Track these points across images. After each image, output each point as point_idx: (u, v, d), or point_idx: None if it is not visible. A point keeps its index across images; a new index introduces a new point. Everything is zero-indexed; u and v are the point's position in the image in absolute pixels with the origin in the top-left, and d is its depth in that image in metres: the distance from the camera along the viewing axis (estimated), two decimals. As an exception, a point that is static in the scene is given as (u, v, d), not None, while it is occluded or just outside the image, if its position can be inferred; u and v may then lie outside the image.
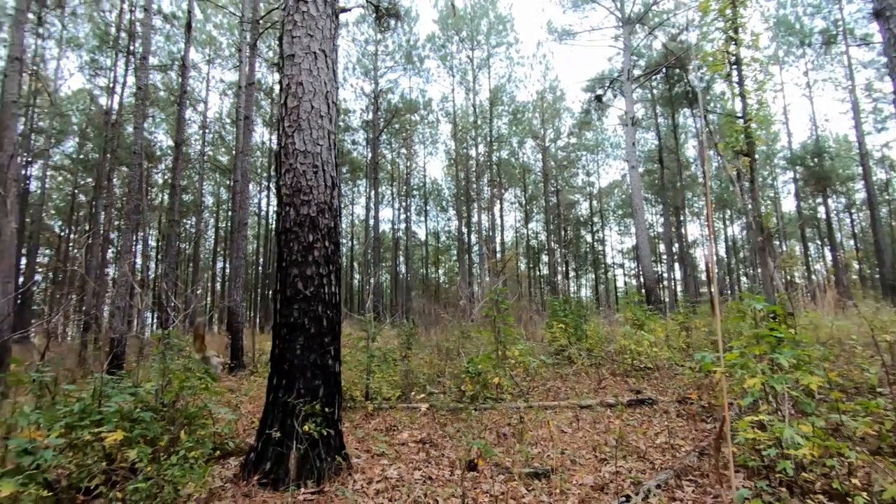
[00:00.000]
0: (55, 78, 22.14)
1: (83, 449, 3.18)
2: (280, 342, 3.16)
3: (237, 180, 11.36)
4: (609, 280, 42.27)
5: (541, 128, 31.08)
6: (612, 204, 39.79)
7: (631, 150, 15.98)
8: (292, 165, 3.33)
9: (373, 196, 25.21)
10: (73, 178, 27.32)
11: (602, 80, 23.71)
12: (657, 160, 23.65)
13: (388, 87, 26.75)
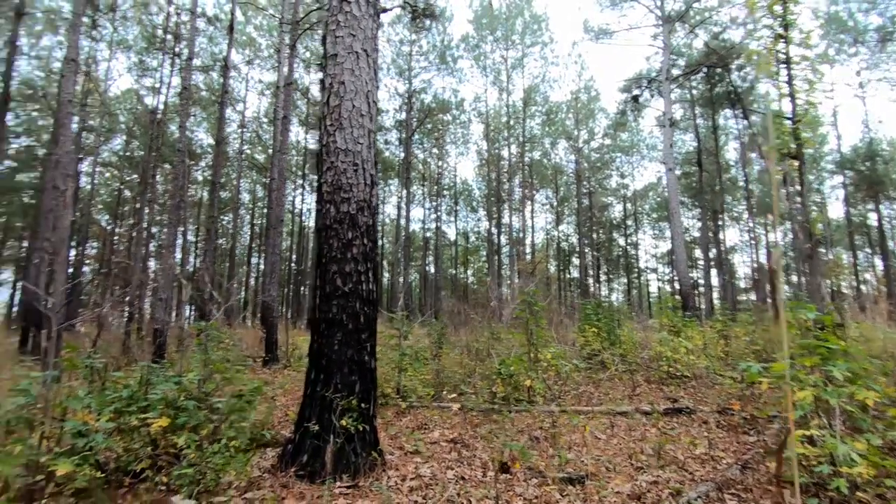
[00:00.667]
0: (105, 78, 23.19)
1: (130, 433, 3.31)
2: (318, 337, 3.21)
3: (273, 178, 11.64)
4: (642, 285, 41.31)
5: (574, 128, 30.65)
6: (646, 207, 38.86)
7: (668, 152, 15.56)
8: (333, 163, 3.38)
9: (404, 195, 25.40)
10: (119, 175, 28.56)
11: (639, 80, 23.19)
12: (695, 162, 22.93)
13: (422, 87, 26.90)
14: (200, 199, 28.81)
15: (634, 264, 39.20)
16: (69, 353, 3.39)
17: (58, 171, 8.57)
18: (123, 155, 27.60)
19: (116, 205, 28.58)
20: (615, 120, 27.67)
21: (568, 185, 34.83)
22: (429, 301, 27.66)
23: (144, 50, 22.37)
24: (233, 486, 2.88)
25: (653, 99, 21.87)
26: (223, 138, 12.65)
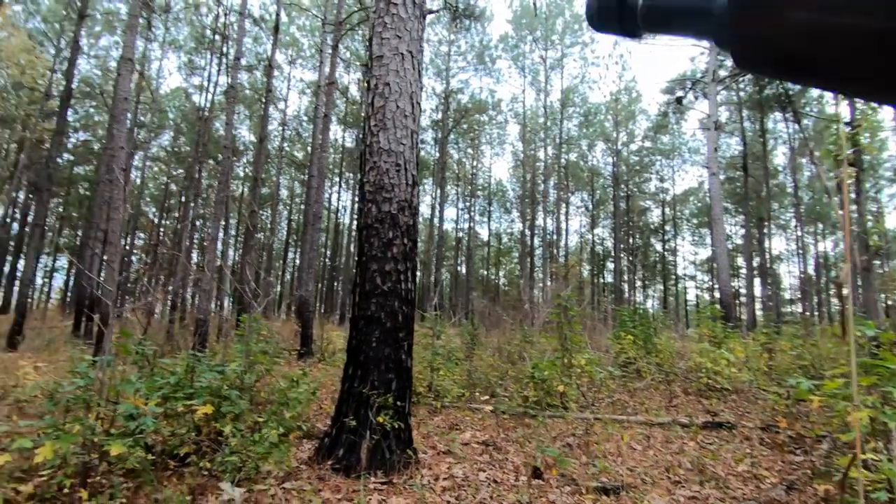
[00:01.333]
0: (157, 77, 24.29)
1: (176, 419, 3.46)
2: (357, 334, 3.26)
3: (313, 175, 11.90)
4: (679, 292, 40.06)
5: (613, 130, 30.05)
6: (686, 212, 37.66)
7: (712, 156, 15.03)
8: (376, 163, 3.43)
9: (438, 195, 25.50)
10: (166, 169, 29.86)
11: (683, 81, 22.54)
12: (741, 167, 22.09)
13: (459, 88, 26.97)
14: (241, 195, 29.75)
15: (672, 271, 38.05)
16: (122, 338, 3.57)
17: (113, 165, 9.02)
18: (171, 150, 28.82)
19: (164, 198, 29.86)
20: (656, 122, 26.99)
21: (604, 187, 34.17)
22: (460, 301, 27.70)
23: (193, 50, 23.32)
24: (272, 475, 2.96)
25: (697, 101, 21.20)
26: (266, 135, 13.02)
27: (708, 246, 37.67)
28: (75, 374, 3.19)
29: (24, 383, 5.28)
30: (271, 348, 4.33)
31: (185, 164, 26.48)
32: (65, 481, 2.64)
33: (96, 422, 2.90)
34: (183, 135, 28.29)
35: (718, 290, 12.56)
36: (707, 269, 38.57)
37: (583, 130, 30.80)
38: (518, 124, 30.71)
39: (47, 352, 8.76)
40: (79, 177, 28.78)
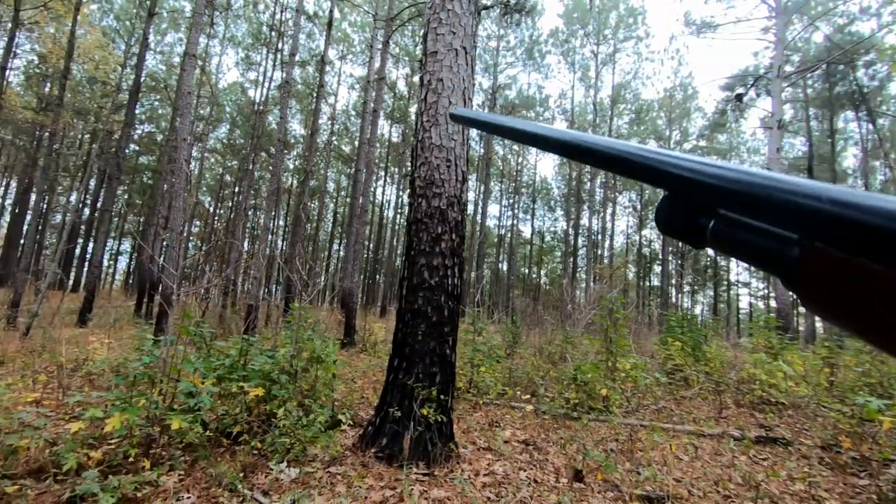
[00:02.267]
0: (216, 72, 25.41)
1: (230, 399, 3.63)
2: (403, 327, 3.31)
3: (360, 169, 12.13)
4: (731, 300, 38.24)
5: (666, 128, 28.97)
6: (741, 215, 35.83)
7: (774, 157, 14.21)
8: (427, 159, 3.46)
9: (482, 192, 25.42)
10: (222, 161, 31.25)
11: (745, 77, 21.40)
12: (805, 169, 20.77)
13: (507, 83, 26.72)
14: (291, 186, 30.73)
15: (724, 277, 36.36)
16: (183, 320, 3.78)
17: (176, 155, 9.52)
18: (227, 143, 30.12)
19: (219, 188, 31.27)
20: (713, 120, 25.76)
21: (654, 188, 33.02)
22: (500, 299, 27.56)
23: (251, 46, 24.22)
24: (318, 458, 3.06)
25: (759, 98, 20.13)
26: (316, 129, 13.37)
27: (764, 252, 35.76)
28: (140, 352, 3.41)
29: (94, 358, 5.69)
30: (318, 337, 4.45)
31: (240, 156, 27.62)
32: (130, 451, 2.83)
33: (159, 397, 3.09)
34: (238, 128, 29.49)
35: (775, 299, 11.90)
36: (762, 277, 36.63)
37: (633, 128, 29.85)
38: (566, 121, 30.13)
39: (113, 329, 9.39)
40: (143, 166, 30.57)
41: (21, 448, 2.75)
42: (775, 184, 0.26)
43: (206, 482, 2.79)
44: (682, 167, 0.32)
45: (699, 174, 0.31)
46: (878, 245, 0.21)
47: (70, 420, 3.65)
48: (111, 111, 17.92)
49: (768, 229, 0.27)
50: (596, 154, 0.38)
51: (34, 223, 14.89)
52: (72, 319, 10.86)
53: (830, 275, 0.23)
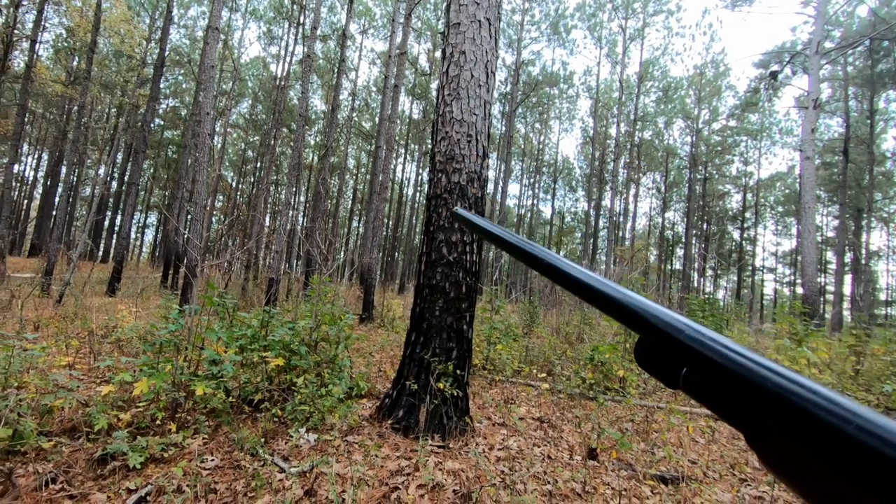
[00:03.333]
0: (238, 46, 25.42)
1: (252, 368, 3.72)
2: (421, 301, 3.33)
3: (380, 146, 12.08)
4: (755, 285, 37.42)
5: (694, 107, 28.03)
6: (770, 199, 34.78)
7: (808, 138, 13.64)
8: (448, 133, 3.41)
9: (502, 170, 25.14)
10: (244, 136, 31.50)
11: (781, 53, 20.48)
12: (840, 151, 19.94)
13: (530, 59, 26.08)
14: (311, 163, 30.87)
15: (749, 262, 35.52)
16: (207, 291, 3.86)
17: (199, 130, 9.62)
18: (249, 118, 30.30)
19: (241, 163, 31.60)
20: (745, 99, 24.79)
21: (680, 169, 32.18)
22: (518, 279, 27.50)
23: (272, 20, 24.09)
24: (335, 427, 3.14)
25: (795, 76, 19.28)
26: (337, 105, 13.32)
27: (792, 237, 34.82)
28: (166, 320, 3.51)
29: (122, 325, 5.90)
30: (337, 310, 4.51)
31: (262, 131, 27.78)
32: (157, 414, 2.94)
33: (184, 363, 3.18)
34: (260, 103, 29.60)
35: (802, 286, 11.58)
36: (789, 262, 35.75)
37: (660, 107, 28.97)
38: (590, 99, 29.43)
39: (140, 299, 9.70)
40: (168, 141, 31.04)
41: (56, 408, 2.88)
42: (746, 363, 0.27)
43: (229, 446, 2.89)
44: (661, 320, 0.33)
45: (676, 332, 0.32)
46: (820, 441, 0.23)
47: (101, 383, 3.80)
48: (137, 85, 18.14)
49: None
50: (582, 287, 0.40)
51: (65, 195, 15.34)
52: (101, 289, 11.24)
53: (784, 448, 0.25)
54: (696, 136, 28.17)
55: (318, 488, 2.46)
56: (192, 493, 2.32)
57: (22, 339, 2.97)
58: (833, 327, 14.33)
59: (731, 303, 25.65)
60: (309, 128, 28.83)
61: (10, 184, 11.57)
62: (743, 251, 34.48)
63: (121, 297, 10.23)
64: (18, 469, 2.41)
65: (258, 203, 15.31)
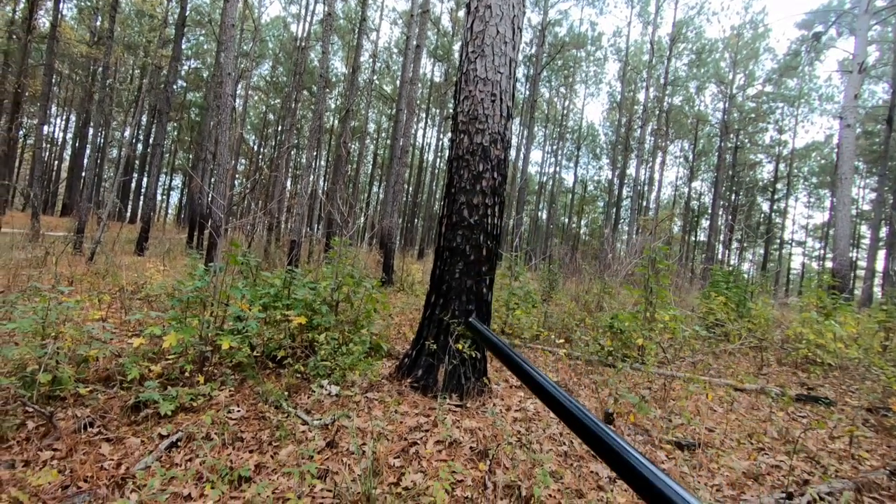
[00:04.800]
0: (258, 5, 24.97)
1: (275, 325, 3.81)
2: (441, 264, 3.32)
3: (401, 109, 11.90)
4: (782, 258, 36.45)
5: (729, 71, 26.72)
6: (804, 170, 33.40)
7: (850, 104, 12.91)
8: (471, 92, 3.32)
9: (525, 136, 24.60)
10: (265, 99, 31.40)
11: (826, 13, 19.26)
12: (884, 119, 18.87)
13: (557, 19, 25.06)
14: (332, 126, 30.71)
15: (777, 234, 34.50)
16: (231, 249, 3.93)
17: (221, 91, 9.59)
18: (270, 80, 30.09)
19: (263, 127, 31.63)
20: (784, 63, 23.53)
21: (710, 136, 31.01)
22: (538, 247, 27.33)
23: (293, -24, 23.50)
24: (356, 384, 3.22)
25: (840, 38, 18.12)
26: (358, 66, 13.08)
27: (825, 210, 33.60)
28: (193, 277, 3.59)
29: (151, 282, 6.08)
30: (357, 272, 4.55)
31: (282, 94, 27.61)
32: (186, 366, 3.05)
33: (210, 318, 3.27)
34: (281, 65, 29.31)
35: (832, 259, 11.23)
36: (820, 236, 34.64)
37: (692, 70, 27.68)
38: (618, 62, 28.29)
39: (167, 258, 9.96)
40: (191, 103, 31.15)
41: (91, 357, 3.01)
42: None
43: (254, 399, 2.99)
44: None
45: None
46: None
47: (132, 336, 3.95)
48: (159, 45, 18.09)
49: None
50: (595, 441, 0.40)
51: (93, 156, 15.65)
52: (130, 248, 11.58)
53: None
54: (728, 103, 26.95)
55: (340, 440, 2.55)
56: (220, 440, 2.42)
57: (57, 292, 3.09)
58: (862, 303, 13.95)
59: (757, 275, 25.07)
60: (329, 90, 28.52)
61: (40, 144, 11.83)
62: (772, 223, 33.48)
63: (148, 257, 10.53)
64: (59, 413, 2.55)
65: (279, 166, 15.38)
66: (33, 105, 22.45)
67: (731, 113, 27.31)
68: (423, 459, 2.44)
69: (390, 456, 2.43)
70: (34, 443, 2.25)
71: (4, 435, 2.26)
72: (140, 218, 16.22)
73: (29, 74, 14.95)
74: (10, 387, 2.48)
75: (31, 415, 2.46)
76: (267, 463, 2.29)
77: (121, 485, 2.03)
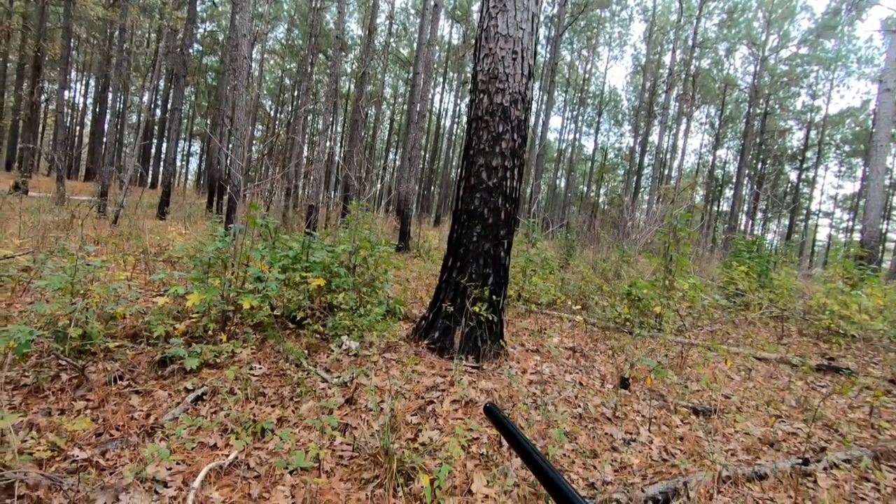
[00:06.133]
0: (273, -36, 24.32)
1: (294, 287, 3.86)
2: (458, 227, 3.30)
3: (418, 72, 11.63)
4: (808, 229, 35.43)
5: (762, 32, 25.34)
6: (837, 137, 31.99)
7: (892, 67, 12.21)
8: (492, 50, 3.20)
9: (545, 101, 23.94)
10: (281, 63, 31.00)
11: (873, -33, 17.99)
12: (928, 84, 17.81)
13: (581, -24, 23.91)
14: (348, 91, 30.31)
15: (804, 205, 33.44)
16: (250, 212, 3.95)
17: (237, 54, 9.47)
18: (285, 43, 29.63)
19: (279, 91, 31.37)
20: (822, 22, 22.21)
21: (738, 102, 29.77)
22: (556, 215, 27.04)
23: (307, -68, 22.74)
24: (373, 345, 3.27)
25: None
26: (374, 28, 12.76)
27: (856, 179, 32.34)
28: (214, 239, 3.64)
29: (173, 245, 6.20)
30: (374, 237, 4.56)
31: (298, 57, 27.21)
32: (209, 325, 3.12)
33: (232, 278, 3.33)
34: (296, 27, 28.76)
35: (861, 231, 10.89)
36: (849, 207, 33.49)
37: (723, 31, 26.32)
38: (644, 22, 27.06)
39: (188, 222, 10.12)
40: (207, 67, 30.94)
41: (118, 314, 3.10)
42: None
43: (275, 357, 3.07)
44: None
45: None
46: None
47: (156, 296, 4.05)
48: (174, 7, 17.84)
49: None
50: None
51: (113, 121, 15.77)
52: (152, 212, 11.78)
53: None
54: (760, 65, 25.69)
55: (358, 398, 2.61)
56: (243, 394, 2.50)
57: (84, 252, 3.16)
58: (890, 275, 13.58)
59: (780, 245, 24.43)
60: (345, 54, 27.99)
61: (62, 108, 11.93)
62: (798, 193, 32.43)
63: (170, 221, 10.71)
64: (90, 366, 2.65)
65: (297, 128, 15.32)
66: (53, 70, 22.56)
67: (761, 77, 26.07)
68: (440, 417, 2.49)
69: (407, 413, 2.48)
70: (68, 393, 2.35)
71: (41, 385, 2.36)
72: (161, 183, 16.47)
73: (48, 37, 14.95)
74: (44, 341, 2.58)
75: (64, 367, 2.56)
76: (288, 417, 2.36)
77: (150, 433, 2.12)
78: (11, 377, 2.40)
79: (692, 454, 2.51)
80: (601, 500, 1.92)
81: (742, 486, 2.23)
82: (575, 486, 2.06)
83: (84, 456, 1.87)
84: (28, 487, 1.60)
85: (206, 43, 29.24)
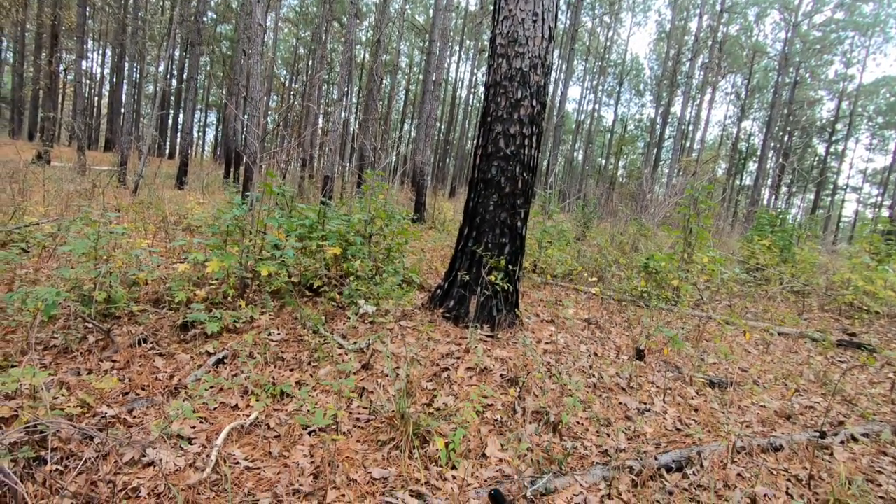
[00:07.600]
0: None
1: (311, 255, 3.89)
2: (474, 196, 3.26)
3: (434, 40, 11.35)
4: (834, 205, 34.37)
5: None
6: (870, 108, 30.63)
7: (936, 32, 11.52)
8: (511, 12, 3.09)
9: (563, 70, 23.27)
10: (295, 31, 30.54)
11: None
12: (973, 50, 16.82)
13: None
14: (363, 60, 29.84)
15: (831, 179, 32.34)
16: (267, 180, 3.96)
17: (250, 22, 9.34)
18: (299, 11, 29.13)
19: (293, 61, 31.02)
20: (862, -16, 20.87)
21: (766, 70, 28.56)
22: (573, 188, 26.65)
23: None
24: (389, 313, 3.30)
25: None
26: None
27: (888, 153, 31.11)
28: (232, 207, 3.67)
29: (192, 214, 6.27)
30: (389, 207, 4.54)
31: (312, 25, 26.75)
32: (228, 291, 3.17)
33: (249, 244, 3.36)
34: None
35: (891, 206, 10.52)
36: (879, 182, 32.33)
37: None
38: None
39: (206, 192, 10.22)
40: (221, 35, 30.65)
41: (141, 280, 3.17)
42: None
43: (293, 324, 3.12)
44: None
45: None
46: None
47: (176, 262, 4.13)
48: (187, -27, 17.56)
49: None
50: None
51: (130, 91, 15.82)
52: (170, 182, 11.90)
53: None
54: (791, 31, 24.45)
55: (374, 363, 2.65)
56: (262, 358, 2.55)
57: (106, 219, 3.21)
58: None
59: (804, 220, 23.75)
60: (360, 21, 27.42)
61: (80, 78, 11.99)
62: (826, 167, 31.35)
63: (188, 190, 10.83)
64: (115, 329, 2.72)
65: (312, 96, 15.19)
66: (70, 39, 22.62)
67: (793, 44, 24.86)
68: (455, 384, 2.52)
69: (423, 379, 2.51)
70: (95, 354, 2.43)
71: (69, 346, 2.44)
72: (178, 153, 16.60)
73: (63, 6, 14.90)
74: (71, 304, 2.65)
75: (90, 330, 2.64)
76: (307, 380, 2.41)
77: (174, 393, 2.19)
78: (41, 338, 2.49)
79: (707, 425, 2.51)
80: (614, 467, 1.94)
81: (756, 457, 2.23)
82: (588, 453, 2.09)
83: (112, 413, 1.94)
84: (61, 441, 1.67)
85: (220, 10, 28.87)
